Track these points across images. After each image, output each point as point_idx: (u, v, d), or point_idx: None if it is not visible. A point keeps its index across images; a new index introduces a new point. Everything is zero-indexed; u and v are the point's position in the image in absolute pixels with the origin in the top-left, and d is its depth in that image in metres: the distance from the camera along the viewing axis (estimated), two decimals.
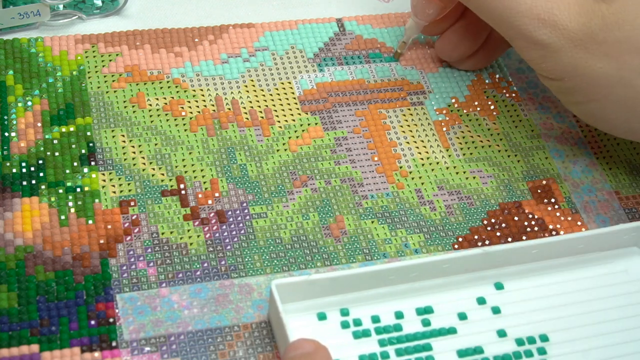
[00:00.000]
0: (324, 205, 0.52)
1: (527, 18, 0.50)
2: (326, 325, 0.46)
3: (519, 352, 0.46)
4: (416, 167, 0.55)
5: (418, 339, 0.46)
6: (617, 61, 0.49)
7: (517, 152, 0.57)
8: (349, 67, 0.60)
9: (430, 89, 0.60)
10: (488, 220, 0.53)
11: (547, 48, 0.50)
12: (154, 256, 0.49)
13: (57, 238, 0.48)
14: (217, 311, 0.47)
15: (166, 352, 0.45)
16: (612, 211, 0.55)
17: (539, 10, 0.50)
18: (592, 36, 0.49)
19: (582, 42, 0.49)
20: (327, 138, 0.56)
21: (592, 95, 0.51)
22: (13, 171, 0.51)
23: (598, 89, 0.50)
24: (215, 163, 0.53)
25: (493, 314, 0.48)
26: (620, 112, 0.51)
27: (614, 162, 0.58)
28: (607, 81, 0.50)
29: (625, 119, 0.51)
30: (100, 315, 0.46)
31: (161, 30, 0.60)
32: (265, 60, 0.60)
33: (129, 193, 0.51)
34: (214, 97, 0.57)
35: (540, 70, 0.52)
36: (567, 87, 0.52)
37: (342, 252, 0.50)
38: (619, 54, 0.49)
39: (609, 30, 0.49)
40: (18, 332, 0.45)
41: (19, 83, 0.55)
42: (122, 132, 0.54)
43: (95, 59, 0.58)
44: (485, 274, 0.49)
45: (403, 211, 0.53)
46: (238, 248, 0.50)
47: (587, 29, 0.49)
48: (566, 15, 0.49)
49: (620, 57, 0.49)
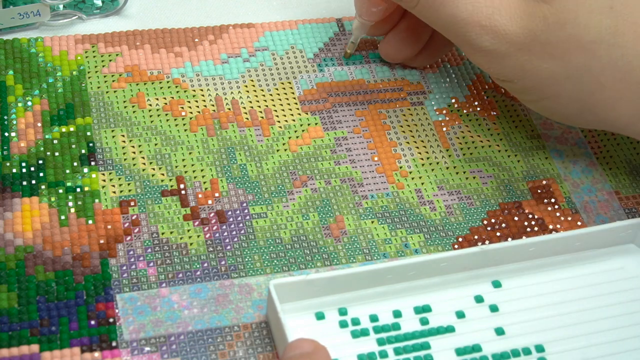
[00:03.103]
0: (324, 205, 0.52)
1: (469, 25, 0.50)
2: (324, 324, 0.46)
3: (517, 350, 0.46)
4: (416, 167, 0.55)
5: (416, 338, 0.46)
6: (562, 60, 0.49)
7: (517, 152, 0.57)
8: (349, 67, 0.60)
9: (430, 89, 0.60)
10: (488, 221, 0.53)
11: (491, 54, 0.50)
12: (154, 256, 0.49)
13: (57, 238, 0.48)
14: (217, 311, 0.47)
15: (166, 352, 0.45)
16: (612, 211, 0.55)
17: (479, 17, 0.49)
18: (535, 38, 0.49)
19: (526, 45, 0.49)
20: (327, 138, 0.56)
21: (543, 94, 0.51)
22: (13, 171, 0.51)
23: (548, 87, 0.51)
24: (215, 163, 0.53)
25: (491, 312, 0.48)
26: (573, 108, 0.51)
27: (614, 162, 0.58)
28: (555, 80, 0.50)
29: (579, 112, 0.52)
30: (100, 315, 0.46)
31: (161, 30, 0.60)
32: (265, 60, 0.60)
33: (129, 193, 0.51)
34: (214, 97, 0.57)
35: (490, 73, 0.52)
36: (518, 88, 0.52)
37: (342, 252, 0.50)
38: (564, 53, 0.49)
39: (551, 31, 0.49)
40: (18, 332, 0.45)
41: (19, 83, 0.55)
42: (122, 132, 0.54)
43: (95, 59, 0.58)
44: (482, 272, 0.49)
45: (403, 211, 0.53)
46: (238, 248, 0.50)
47: (529, 32, 0.49)
48: (507, 19, 0.49)
49: (564, 55, 0.49)
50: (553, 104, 0.52)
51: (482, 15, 0.49)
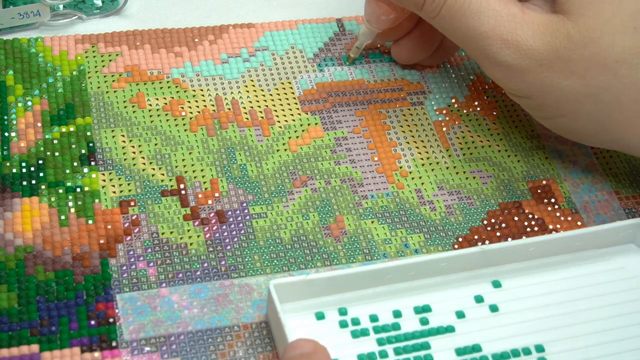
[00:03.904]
0: (324, 205, 0.52)
1: (490, 39, 0.49)
2: (324, 324, 0.46)
3: (517, 350, 0.46)
4: (416, 167, 0.55)
5: (416, 338, 0.46)
6: (583, 78, 0.49)
7: (517, 152, 0.57)
8: (349, 67, 0.60)
9: (430, 89, 0.60)
10: (488, 221, 0.53)
11: (511, 69, 0.50)
12: (154, 256, 0.49)
13: (57, 238, 0.48)
14: (217, 311, 0.47)
15: (166, 352, 0.45)
16: (612, 211, 0.55)
17: (501, 31, 0.49)
18: (558, 55, 0.49)
19: (547, 61, 0.49)
20: (327, 138, 0.56)
21: (560, 111, 0.51)
22: (13, 171, 0.51)
23: (566, 105, 0.50)
24: (215, 163, 0.53)
25: (491, 312, 0.48)
26: (589, 126, 0.51)
27: (614, 162, 0.58)
28: (575, 97, 0.50)
29: (595, 132, 0.51)
30: (100, 315, 0.46)
31: (161, 30, 0.60)
32: (265, 60, 0.60)
33: (129, 193, 0.51)
34: (214, 97, 0.57)
35: (507, 89, 0.52)
36: (535, 105, 0.52)
37: (342, 252, 0.50)
38: (585, 71, 0.49)
39: (574, 49, 0.48)
40: (18, 332, 0.45)
41: (19, 83, 0.55)
42: (122, 132, 0.54)
43: (95, 59, 0.58)
44: (482, 272, 0.49)
45: (403, 211, 0.53)
46: (238, 248, 0.50)
47: (551, 48, 0.49)
48: (530, 35, 0.49)
49: (586, 74, 0.49)
50: (570, 122, 0.51)
51: (504, 29, 0.49)
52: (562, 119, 0.52)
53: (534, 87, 0.50)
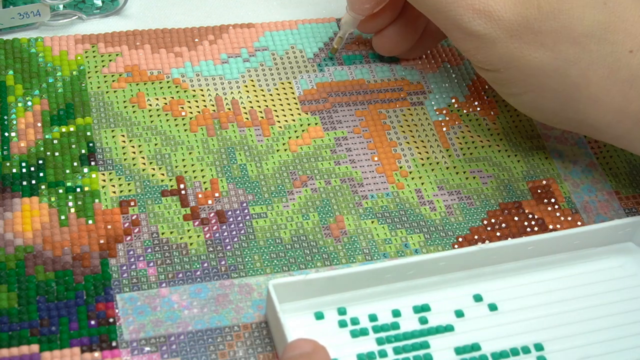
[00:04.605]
0: (324, 205, 0.52)
1: (462, 8, 0.49)
2: (323, 324, 0.46)
3: (516, 349, 0.46)
4: (416, 167, 0.55)
5: (416, 337, 0.46)
6: (552, 51, 0.49)
7: (517, 152, 0.57)
8: (349, 67, 0.60)
9: (430, 89, 0.60)
10: (488, 221, 0.53)
11: (482, 39, 0.50)
12: (154, 256, 0.49)
13: (57, 238, 0.49)
14: (217, 311, 0.47)
15: (166, 352, 0.45)
16: (612, 211, 0.55)
17: (473, 1, 0.49)
18: (528, 26, 0.49)
19: (518, 32, 0.49)
20: (327, 138, 0.56)
21: (528, 86, 0.51)
22: (13, 171, 0.51)
23: (534, 79, 0.50)
24: (215, 163, 0.54)
25: (490, 311, 0.48)
26: (556, 102, 0.51)
27: (614, 162, 0.58)
28: (543, 71, 0.50)
29: (562, 108, 0.51)
30: (100, 315, 0.46)
31: (161, 30, 0.60)
32: (265, 60, 0.60)
33: (129, 193, 0.51)
34: (214, 97, 0.57)
35: (475, 61, 0.52)
36: (503, 78, 0.52)
37: (342, 252, 0.50)
38: (554, 44, 0.49)
39: (544, 20, 0.48)
40: (18, 332, 0.45)
41: (19, 83, 0.55)
42: (122, 132, 0.54)
43: (95, 59, 0.58)
44: (481, 271, 0.49)
45: (403, 211, 0.53)
46: (238, 248, 0.50)
47: (522, 19, 0.49)
48: (501, 5, 0.49)
49: (555, 46, 0.49)
50: (536, 98, 0.51)
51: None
52: (529, 95, 0.51)
53: (502, 59, 0.50)
